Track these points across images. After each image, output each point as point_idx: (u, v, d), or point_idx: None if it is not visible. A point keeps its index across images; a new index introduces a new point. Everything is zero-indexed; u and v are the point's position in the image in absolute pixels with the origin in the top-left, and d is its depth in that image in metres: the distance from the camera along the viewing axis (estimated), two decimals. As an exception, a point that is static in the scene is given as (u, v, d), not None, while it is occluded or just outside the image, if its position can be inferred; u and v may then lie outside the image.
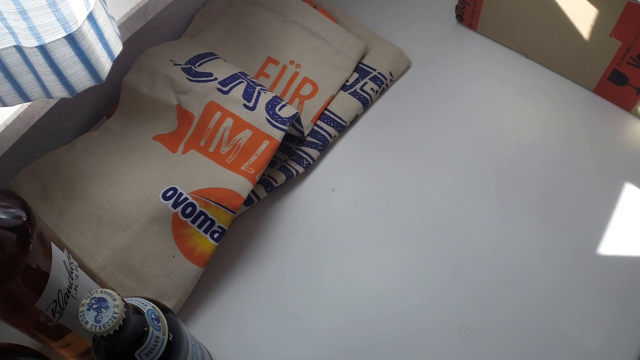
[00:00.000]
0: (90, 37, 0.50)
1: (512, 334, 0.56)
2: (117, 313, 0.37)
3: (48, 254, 0.45)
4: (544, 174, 0.65)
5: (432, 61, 0.75)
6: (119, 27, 0.62)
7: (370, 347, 0.56)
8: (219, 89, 0.64)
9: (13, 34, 0.47)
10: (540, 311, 0.57)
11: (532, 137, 0.68)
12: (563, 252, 0.60)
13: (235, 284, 0.60)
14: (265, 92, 0.65)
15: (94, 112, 0.72)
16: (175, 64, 0.67)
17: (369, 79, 0.72)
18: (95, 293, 0.37)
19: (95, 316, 0.37)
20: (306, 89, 0.71)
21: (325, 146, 0.68)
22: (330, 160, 0.68)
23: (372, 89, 0.71)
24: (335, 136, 0.69)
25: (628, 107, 0.68)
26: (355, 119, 0.71)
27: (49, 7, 0.45)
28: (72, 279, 0.48)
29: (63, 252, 0.48)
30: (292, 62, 0.72)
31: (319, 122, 0.69)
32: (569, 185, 0.64)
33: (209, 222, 0.59)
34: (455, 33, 0.77)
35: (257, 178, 0.61)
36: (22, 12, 0.45)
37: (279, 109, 0.63)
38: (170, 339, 0.43)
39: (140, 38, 0.70)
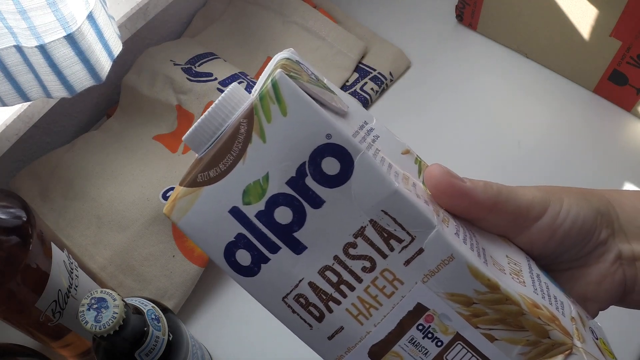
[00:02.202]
0: (90, 37, 0.50)
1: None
2: (117, 313, 0.37)
3: (48, 254, 0.45)
4: (544, 174, 0.65)
5: (432, 61, 0.75)
6: (119, 27, 0.62)
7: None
8: (219, 89, 0.64)
9: (13, 33, 0.47)
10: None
11: (532, 137, 0.68)
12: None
13: (235, 284, 0.60)
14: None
15: (94, 112, 0.72)
16: (175, 64, 0.67)
17: (369, 79, 0.72)
18: (95, 293, 0.37)
19: (95, 316, 0.37)
20: (306, 89, 0.71)
21: (325, 146, 0.68)
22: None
23: (372, 88, 0.71)
24: (335, 136, 0.69)
25: (628, 107, 0.68)
26: (355, 119, 0.71)
27: (49, 7, 0.45)
28: (72, 279, 0.48)
29: (63, 252, 0.48)
30: (292, 62, 0.72)
31: (319, 122, 0.69)
32: (569, 185, 0.64)
33: (209, 222, 0.59)
34: (455, 33, 0.77)
35: (257, 178, 0.61)
36: (22, 12, 0.45)
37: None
38: (170, 339, 0.43)
39: (140, 38, 0.70)
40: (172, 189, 0.60)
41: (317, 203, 0.23)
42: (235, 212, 0.23)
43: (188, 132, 0.23)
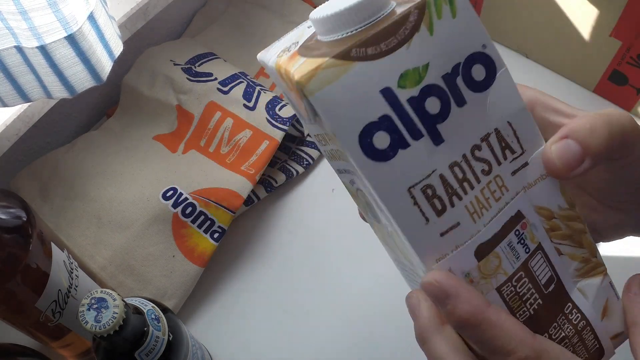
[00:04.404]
0: (90, 38, 0.50)
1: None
2: (117, 313, 0.37)
3: (48, 254, 0.46)
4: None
5: (432, 61, 0.75)
6: (119, 27, 0.62)
7: (371, 346, 0.56)
8: (219, 89, 0.64)
9: (13, 34, 0.47)
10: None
11: (532, 137, 0.68)
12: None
13: (235, 284, 0.60)
14: (265, 92, 0.65)
15: (94, 112, 0.72)
16: (175, 64, 0.67)
17: (369, 79, 0.72)
18: (95, 293, 0.38)
19: (95, 316, 0.37)
20: (306, 89, 0.71)
21: (325, 146, 0.68)
22: (330, 160, 0.68)
23: (372, 89, 0.71)
24: (335, 136, 0.69)
25: (628, 107, 0.68)
26: (355, 119, 0.71)
27: (50, 8, 0.45)
28: (72, 279, 0.48)
29: (63, 252, 0.48)
30: (292, 62, 0.72)
31: (319, 122, 0.69)
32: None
33: (209, 222, 0.59)
34: (455, 33, 0.77)
35: (257, 178, 0.61)
36: (23, 13, 0.45)
37: (279, 109, 0.63)
38: (170, 339, 0.43)
39: (140, 38, 0.70)
40: (172, 189, 0.60)
41: (460, 102, 0.24)
42: (387, 93, 0.23)
43: (335, 12, 0.23)
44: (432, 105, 0.24)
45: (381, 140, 0.23)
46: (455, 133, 0.24)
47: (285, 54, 0.25)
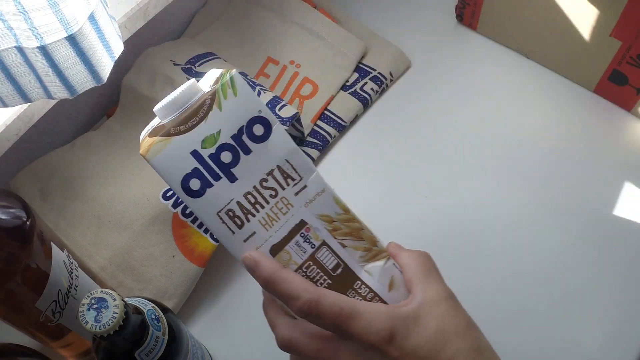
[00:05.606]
0: (91, 38, 0.50)
1: (511, 329, 0.56)
2: (117, 313, 0.37)
3: (48, 254, 0.46)
4: (543, 174, 0.65)
5: (432, 61, 0.75)
6: (119, 27, 0.62)
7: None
8: (219, 89, 0.64)
9: (14, 34, 0.47)
10: (541, 310, 0.57)
11: (532, 137, 0.68)
12: (561, 252, 0.60)
13: (235, 284, 0.60)
14: (265, 92, 0.65)
15: (94, 112, 0.72)
16: (175, 64, 0.67)
17: (369, 79, 0.72)
18: (95, 293, 0.38)
19: (95, 316, 0.37)
20: (306, 89, 0.71)
21: (325, 146, 0.68)
22: (330, 160, 0.68)
23: (372, 89, 0.71)
24: (335, 136, 0.69)
25: (628, 107, 0.68)
26: (355, 119, 0.71)
27: (50, 8, 0.45)
28: (72, 279, 0.48)
29: (63, 252, 0.48)
30: (292, 62, 0.72)
31: (319, 122, 0.69)
32: (569, 186, 0.64)
33: (209, 222, 0.59)
34: (455, 33, 0.77)
35: (257, 178, 0.61)
36: (23, 13, 0.45)
37: (279, 109, 0.63)
38: (170, 339, 0.43)
39: (140, 38, 0.70)
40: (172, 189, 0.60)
41: (247, 151, 0.35)
42: (195, 153, 0.35)
43: (161, 105, 0.34)
44: (226, 156, 0.35)
45: (195, 184, 0.35)
46: (246, 172, 0.35)
47: (148, 130, 0.37)
